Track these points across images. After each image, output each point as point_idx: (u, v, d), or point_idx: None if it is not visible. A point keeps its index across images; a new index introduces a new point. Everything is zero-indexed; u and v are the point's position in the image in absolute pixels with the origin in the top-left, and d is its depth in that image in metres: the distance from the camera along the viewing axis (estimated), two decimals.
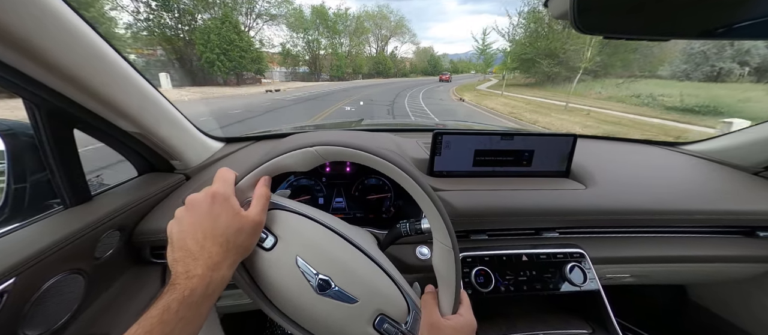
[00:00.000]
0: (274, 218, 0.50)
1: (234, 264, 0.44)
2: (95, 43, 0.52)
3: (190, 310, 0.38)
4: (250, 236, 0.46)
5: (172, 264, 0.42)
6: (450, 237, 0.48)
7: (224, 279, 0.42)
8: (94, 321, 0.58)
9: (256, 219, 0.46)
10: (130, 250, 0.68)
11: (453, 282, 0.50)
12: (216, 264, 0.41)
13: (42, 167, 0.61)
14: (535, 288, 0.76)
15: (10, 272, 0.44)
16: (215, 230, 0.43)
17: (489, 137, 0.91)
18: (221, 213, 0.43)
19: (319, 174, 0.92)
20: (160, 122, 0.70)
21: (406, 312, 0.50)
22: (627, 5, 0.34)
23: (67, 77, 0.49)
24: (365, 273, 0.49)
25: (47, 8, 0.44)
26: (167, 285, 0.40)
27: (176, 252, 0.42)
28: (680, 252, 0.86)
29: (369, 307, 0.48)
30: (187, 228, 0.43)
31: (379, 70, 69.51)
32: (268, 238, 0.48)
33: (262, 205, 0.47)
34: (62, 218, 0.57)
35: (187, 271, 0.40)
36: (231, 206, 0.44)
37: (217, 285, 0.41)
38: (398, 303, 0.50)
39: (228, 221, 0.43)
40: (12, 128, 0.58)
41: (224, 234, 0.43)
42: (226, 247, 0.43)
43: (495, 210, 0.78)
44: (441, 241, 0.50)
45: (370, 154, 0.46)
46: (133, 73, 0.61)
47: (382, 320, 0.48)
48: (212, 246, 0.42)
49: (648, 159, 1.17)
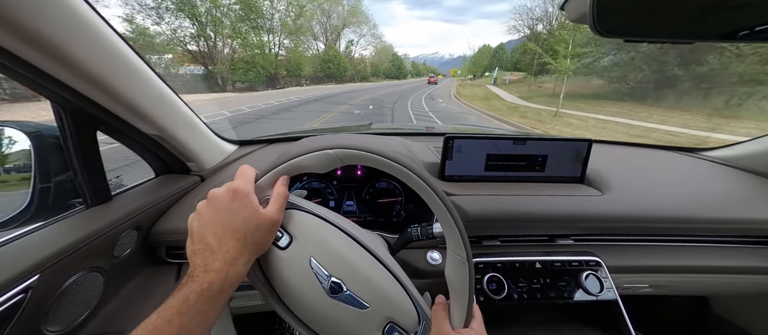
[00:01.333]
0: (291, 218, 0.50)
1: (250, 261, 0.45)
2: (120, 49, 0.54)
3: (207, 303, 0.39)
4: (267, 233, 0.46)
5: (191, 256, 0.43)
6: (465, 248, 0.47)
7: (239, 275, 0.43)
8: (111, 319, 0.59)
9: (274, 217, 0.46)
10: (146, 249, 0.70)
11: (466, 295, 0.49)
12: (233, 259, 0.42)
13: (65, 168, 0.63)
14: (549, 296, 0.74)
15: (35, 268, 0.45)
16: (234, 225, 0.43)
17: (501, 142, 0.90)
18: (241, 209, 0.44)
19: (331, 177, 0.92)
20: (178, 125, 0.72)
21: (416, 322, 0.50)
22: (648, 7, 0.33)
23: (93, 81, 0.51)
24: (377, 280, 0.49)
25: (79, 16, 0.46)
26: (185, 276, 0.40)
27: (195, 244, 0.43)
28: (703, 262, 0.83)
29: (379, 314, 0.48)
30: (207, 222, 0.44)
31: (330, 72, 49.52)
32: (284, 237, 0.49)
33: (280, 204, 0.48)
34: (84, 218, 0.59)
35: (206, 264, 0.41)
36: (251, 202, 0.45)
37: (232, 281, 0.42)
38: (409, 312, 0.50)
39: (247, 218, 0.44)
40: (39, 130, 0.61)
41: (242, 230, 0.43)
42: (243, 243, 0.43)
43: (508, 216, 0.77)
44: (455, 251, 0.49)
45: (387, 159, 0.46)
46: (153, 77, 0.63)
47: (391, 328, 0.48)
48: (230, 241, 0.42)
49: (667, 166, 1.13)
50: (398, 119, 11.15)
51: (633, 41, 0.36)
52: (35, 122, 0.61)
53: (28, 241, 0.51)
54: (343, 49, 70.07)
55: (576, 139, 0.91)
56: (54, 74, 0.47)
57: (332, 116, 11.51)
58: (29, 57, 0.43)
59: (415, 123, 9.24)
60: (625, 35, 0.35)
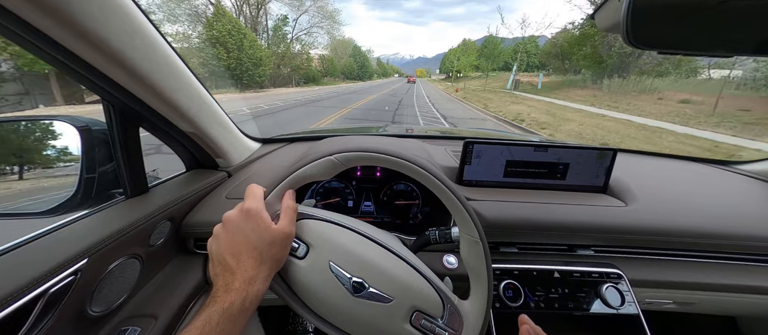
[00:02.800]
0: (304, 228, 0.52)
1: (268, 277, 0.47)
2: (167, 53, 0.59)
3: (229, 323, 0.40)
4: (282, 247, 0.48)
5: (213, 278, 0.45)
6: (476, 229, 0.49)
7: (259, 293, 0.45)
8: (144, 303, 0.63)
9: (286, 231, 0.48)
10: (177, 240, 0.74)
11: (484, 277, 0.51)
12: (251, 277, 0.44)
13: (107, 161, 0.68)
14: (567, 306, 0.73)
15: (85, 253, 0.49)
16: (249, 244, 0.45)
17: (522, 148, 0.89)
18: (254, 228, 0.46)
19: (350, 177, 0.94)
20: (212, 124, 0.76)
21: (440, 306, 0.51)
22: (685, 19, 0.33)
23: (144, 82, 0.55)
24: (397, 273, 0.51)
25: (136, 24, 0.51)
26: (208, 298, 0.43)
27: (216, 267, 0.46)
28: (732, 281, 0.79)
29: (404, 305, 0.49)
30: (224, 244, 0.47)
31: (237, 74, 25.68)
32: (300, 247, 0.51)
33: (290, 217, 0.50)
34: (125, 207, 0.63)
35: (226, 285, 0.43)
36: (263, 220, 0.47)
37: (253, 299, 0.43)
38: (432, 298, 0.51)
39: (261, 235, 0.46)
40: (87, 124, 0.66)
41: (257, 247, 0.45)
42: (260, 260, 0.45)
43: (526, 223, 0.77)
44: (468, 234, 0.51)
45: (385, 155, 0.48)
46: (193, 79, 0.67)
47: (418, 316, 0.49)
48: (247, 260, 0.44)
49: (696, 178, 1.09)
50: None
51: (668, 54, 0.35)
52: (86, 117, 0.66)
53: (78, 227, 0.55)
54: (270, 26, 44.22)
55: (600, 148, 0.89)
56: (111, 76, 0.51)
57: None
58: (93, 60, 0.48)
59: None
60: (659, 47, 0.35)
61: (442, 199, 0.50)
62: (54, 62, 0.46)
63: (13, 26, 0.39)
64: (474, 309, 0.52)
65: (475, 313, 0.51)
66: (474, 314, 0.51)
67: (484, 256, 0.50)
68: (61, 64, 0.47)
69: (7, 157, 0.69)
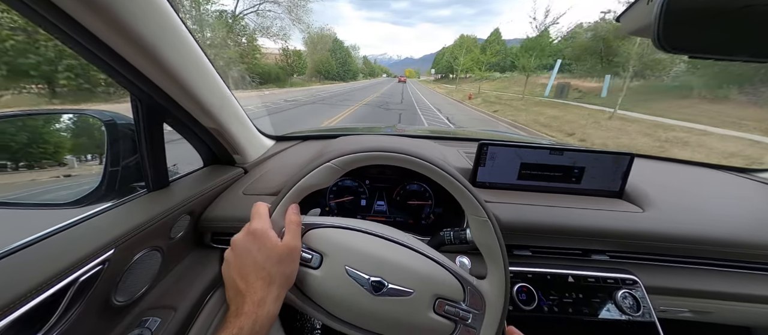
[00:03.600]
0: (314, 238, 0.53)
1: (279, 297, 0.46)
2: (195, 50, 0.61)
3: None
4: (289, 263, 0.48)
5: (228, 302, 0.46)
6: (483, 209, 0.51)
7: (269, 315, 0.44)
8: (164, 295, 0.64)
9: (291, 245, 0.48)
10: (195, 233, 0.75)
11: (499, 255, 0.51)
12: (261, 299, 0.44)
13: (130, 155, 0.70)
14: (581, 311, 0.72)
15: (112, 243, 0.51)
16: (257, 264, 0.46)
17: (537, 151, 0.89)
18: (261, 247, 0.47)
19: (363, 176, 0.95)
20: (232, 120, 0.77)
21: (461, 290, 0.52)
22: (725, 22, 0.32)
23: (174, 78, 0.57)
24: (414, 265, 0.51)
25: (169, 21, 0.52)
26: (222, 323, 0.43)
27: (229, 292, 0.46)
28: (752, 291, 0.78)
29: (426, 295, 0.50)
30: (234, 268, 0.47)
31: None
32: (313, 258, 0.51)
33: (293, 231, 0.50)
34: (147, 201, 0.65)
35: (237, 309, 0.43)
36: (268, 238, 0.47)
37: (263, 322, 0.43)
38: (452, 283, 0.52)
39: (268, 254, 0.46)
40: (112, 119, 0.67)
41: (266, 267, 0.46)
42: (268, 280, 0.45)
43: (541, 226, 0.76)
44: (475, 215, 0.51)
45: (381, 152, 0.49)
46: (217, 76, 0.69)
47: (441, 303, 0.50)
48: (256, 281, 0.45)
49: (715, 185, 1.07)
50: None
51: (699, 58, 0.35)
52: (111, 112, 0.67)
53: (105, 218, 0.57)
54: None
55: (616, 152, 0.88)
56: (144, 71, 0.53)
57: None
58: (129, 55, 0.50)
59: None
60: (690, 52, 0.34)
61: (444, 184, 0.51)
62: (91, 57, 0.48)
63: (59, 22, 0.41)
64: (493, 287, 0.52)
65: (495, 290, 0.52)
66: (494, 291, 0.52)
67: (495, 233, 0.51)
68: (98, 59, 0.49)
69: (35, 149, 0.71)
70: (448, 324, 0.50)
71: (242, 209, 0.76)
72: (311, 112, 12.41)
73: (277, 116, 10.50)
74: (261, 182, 0.87)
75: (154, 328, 0.58)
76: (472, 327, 0.50)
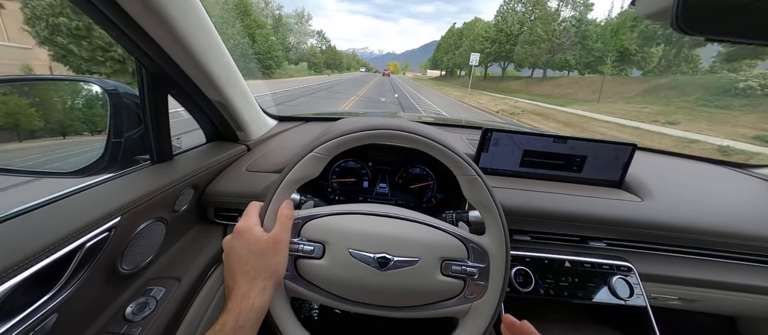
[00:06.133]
0: (312, 229, 0.53)
1: (265, 289, 0.46)
2: (205, 20, 0.60)
3: None
4: (275, 255, 0.48)
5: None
6: (469, 166, 0.52)
7: (254, 308, 0.44)
8: (167, 266, 0.65)
9: (275, 237, 0.48)
10: (198, 208, 0.76)
11: (493, 208, 0.53)
12: (244, 293, 0.44)
13: (133, 126, 0.69)
14: (576, 295, 0.74)
15: (118, 211, 0.51)
16: (241, 260, 0.47)
17: (540, 139, 0.89)
18: (244, 243, 0.48)
19: (366, 158, 0.95)
20: (237, 95, 0.77)
21: (464, 249, 0.53)
22: (746, 5, 0.32)
23: (182, 44, 0.56)
24: (414, 234, 0.53)
25: None
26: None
27: (225, 291, 0.47)
28: (738, 280, 0.80)
29: (431, 259, 0.51)
30: (226, 269, 0.48)
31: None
32: (316, 248, 0.51)
33: (282, 223, 0.50)
34: (152, 172, 0.65)
35: (225, 305, 0.44)
36: (251, 234, 0.48)
37: (247, 314, 0.43)
38: (454, 244, 0.53)
39: (250, 249, 0.47)
40: (116, 88, 0.66)
41: (249, 261, 0.46)
42: (252, 274, 0.45)
43: (540, 212, 0.77)
44: (464, 174, 0.52)
45: (362, 132, 0.50)
46: (225, 50, 0.68)
47: (447, 264, 0.52)
48: (241, 276, 0.45)
49: (712, 179, 1.08)
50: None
51: (714, 41, 0.35)
52: (114, 82, 0.66)
53: (111, 186, 0.57)
54: None
55: (619, 142, 0.89)
56: (153, 34, 0.52)
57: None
58: (140, 18, 0.48)
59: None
60: (708, 34, 0.34)
61: (430, 152, 0.52)
62: (100, 18, 0.47)
63: None
64: (493, 240, 0.54)
65: (495, 243, 0.53)
66: (494, 244, 0.53)
67: (485, 187, 0.52)
68: (107, 20, 0.48)
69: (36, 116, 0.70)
70: (457, 283, 0.52)
71: (245, 185, 0.76)
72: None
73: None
74: (264, 159, 0.86)
75: (158, 297, 0.59)
76: (480, 282, 0.52)
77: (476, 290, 0.52)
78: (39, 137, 0.69)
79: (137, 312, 0.55)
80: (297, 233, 0.53)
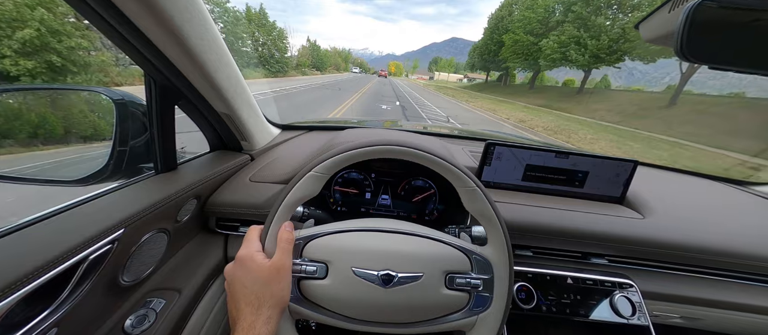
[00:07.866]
0: (314, 249, 0.52)
1: (270, 318, 0.45)
2: (216, 34, 0.60)
3: None
4: (279, 282, 0.47)
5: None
6: (468, 177, 0.52)
7: None
8: (168, 277, 0.65)
9: (277, 264, 0.47)
10: (200, 218, 0.75)
11: (493, 216, 0.52)
12: (250, 325, 0.43)
13: (138, 135, 0.69)
14: (578, 312, 0.74)
15: (121, 223, 0.51)
16: (244, 290, 0.46)
17: (542, 154, 0.90)
18: (247, 272, 0.47)
19: (369, 169, 0.95)
20: (244, 106, 0.77)
21: (467, 261, 0.53)
22: (750, 35, 0.32)
23: (193, 59, 0.57)
24: (417, 249, 0.52)
25: (195, 3, 0.52)
26: None
27: (229, 321, 0.46)
28: (741, 300, 0.80)
29: (436, 274, 0.51)
30: (230, 300, 0.48)
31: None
32: (318, 269, 0.51)
33: (283, 248, 0.49)
34: (156, 182, 0.65)
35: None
36: (253, 262, 0.47)
37: None
38: (457, 256, 0.53)
39: (254, 278, 0.46)
40: (123, 98, 0.67)
41: (253, 291, 0.45)
42: (256, 305, 0.45)
43: (542, 228, 0.77)
44: (463, 186, 0.52)
45: (358, 151, 0.50)
46: (233, 62, 0.68)
47: (452, 278, 0.51)
48: (245, 308, 0.45)
49: (713, 196, 1.09)
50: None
51: (718, 69, 0.35)
52: (122, 91, 0.67)
53: (115, 198, 0.57)
54: None
55: (620, 159, 0.89)
56: (165, 51, 0.52)
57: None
58: (152, 33, 0.49)
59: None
60: (712, 62, 0.35)
61: (429, 166, 0.52)
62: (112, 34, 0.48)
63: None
64: (496, 250, 0.53)
65: (498, 252, 0.53)
66: (497, 253, 0.53)
67: (485, 197, 0.52)
68: (120, 36, 0.48)
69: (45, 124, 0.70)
70: (462, 296, 0.52)
71: (249, 195, 0.76)
72: None
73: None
74: (268, 169, 0.86)
75: (158, 309, 0.58)
76: (485, 294, 0.52)
77: (481, 302, 0.52)
78: (44, 145, 0.69)
79: (137, 325, 0.54)
80: (299, 253, 0.52)
